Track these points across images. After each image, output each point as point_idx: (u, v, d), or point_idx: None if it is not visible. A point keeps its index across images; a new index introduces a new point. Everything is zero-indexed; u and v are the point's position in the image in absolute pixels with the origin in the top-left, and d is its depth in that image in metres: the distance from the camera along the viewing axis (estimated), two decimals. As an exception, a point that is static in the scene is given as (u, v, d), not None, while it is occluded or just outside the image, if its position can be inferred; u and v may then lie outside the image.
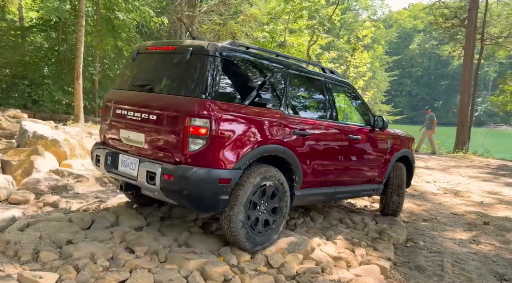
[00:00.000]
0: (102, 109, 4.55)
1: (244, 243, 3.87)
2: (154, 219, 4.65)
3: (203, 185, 3.55)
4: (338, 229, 5.18)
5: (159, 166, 3.64)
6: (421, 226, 6.05)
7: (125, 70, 4.61)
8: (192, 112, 3.54)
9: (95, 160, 4.39)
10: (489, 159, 17.67)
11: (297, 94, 4.76)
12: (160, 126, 3.76)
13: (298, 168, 4.29)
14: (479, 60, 21.94)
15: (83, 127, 16.44)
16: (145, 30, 26.61)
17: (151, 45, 4.35)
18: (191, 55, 3.76)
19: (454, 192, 8.99)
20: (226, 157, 3.65)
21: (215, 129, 3.56)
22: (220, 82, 3.75)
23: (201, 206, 3.78)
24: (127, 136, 4.08)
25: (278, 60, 4.47)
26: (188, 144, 3.55)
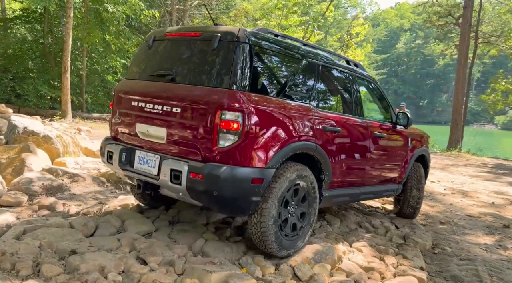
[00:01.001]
0: (113, 101, 4.13)
1: (272, 243, 3.51)
2: (163, 223, 4.22)
3: (235, 185, 3.22)
4: (359, 234, 4.82)
5: (185, 164, 3.28)
6: (440, 230, 5.74)
7: (139, 59, 4.19)
8: (223, 105, 3.20)
9: (107, 157, 3.96)
10: (484, 158, 17.61)
11: (325, 88, 4.46)
12: (185, 120, 3.42)
13: (328, 167, 4.00)
14: (473, 59, 21.91)
15: (71, 122, 15.83)
16: (134, 24, 25.99)
17: (170, 31, 4.00)
18: (219, 42, 3.42)
19: (461, 192, 8.74)
20: (259, 155, 3.33)
21: (248, 124, 3.23)
22: (251, 72, 3.41)
23: (231, 209, 3.48)
24: (145, 130, 3.70)
25: (308, 50, 4.18)
26: (218, 140, 3.22)
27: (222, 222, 4.64)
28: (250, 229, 3.59)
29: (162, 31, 4.05)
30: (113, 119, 4.12)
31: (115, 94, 4.12)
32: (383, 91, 5.46)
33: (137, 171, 3.70)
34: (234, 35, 3.40)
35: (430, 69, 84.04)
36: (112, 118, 4.13)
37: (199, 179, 3.20)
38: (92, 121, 17.68)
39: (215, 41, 3.42)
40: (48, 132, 6.57)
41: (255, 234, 3.54)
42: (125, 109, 3.94)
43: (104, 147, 4.06)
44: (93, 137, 12.82)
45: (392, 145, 5.25)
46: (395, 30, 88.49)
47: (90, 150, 7.38)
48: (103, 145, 4.12)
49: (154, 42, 3.98)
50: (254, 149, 3.29)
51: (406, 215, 5.83)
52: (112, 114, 4.13)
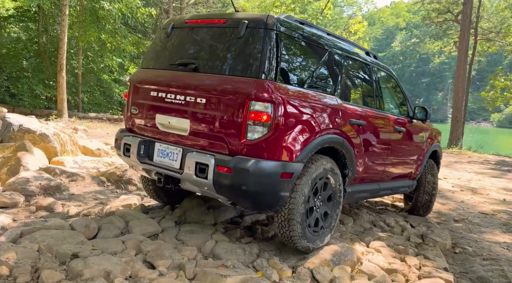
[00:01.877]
0: (129, 92, 3.94)
1: (299, 238, 3.40)
2: (169, 224, 3.96)
3: (264, 180, 3.08)
4: (375, 234, 4.58)
5: (211, 157, 3.13)
6: (455, 228, 5.51)
7: (156, 47, 3.97)
8: (253, 95, 3.04)
9: (123, 150, 3.78)
10: (486, 155, 17.46)
11: (349, 79, 4.33)
12: (211, 111, 3.25)
13: (352, 161, 3.89)
14: (473, 56, 21.76)
15: (67, 122, 15.53)
16: (131, 22, 25.67)
17: (191, 18, 3.82)
18: (246, 29, 3.26)
19: (470, 189, 8.52)
20: (288, 148, 3.19)
21: (278, 116, 3.08)
22: (280, 62, 3.26)
23: (258, 204, 3.33)
24: (166, 122, 3.53)
25: (333, 40, 4.05)
26: (247, 132, 3.07)
27: (230, 222, 4.40)
28: (277, 223, 3.45)
29: (182, 18, 3.86)
30: (129, 110, 3.91)
31: (130, 84, 3.92)
32: (400, 84, 5.31)
33: (157, 164, 3.53)
34: (263, 22, 3.24)
35: (425, 67, 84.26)
36: (128, 109, 3.92)
37: (227, 173, 3.05)
38: (89, 121, 17.37)
39: (242, 28, 3.27)
40: (44, 130, 6.31)
41: (282, 229, 3.43)
42: (143, 100, 3.75)
43: (120, 140, 3.85)
44: (91, 137, 12.58)
45: (409, 140, 5.12)
46: (391, 29, 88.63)
47: (88, 149, 7.11)
48: (119, 137, 3.91)
49: (173, 30, 3.80)
50: (283, 142, 3.15)
51: (418, 213, 5.67)
52: (128, 105, 3.92)
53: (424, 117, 5.18)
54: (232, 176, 3.03)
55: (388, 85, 5.21)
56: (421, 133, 5.37)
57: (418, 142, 5.30)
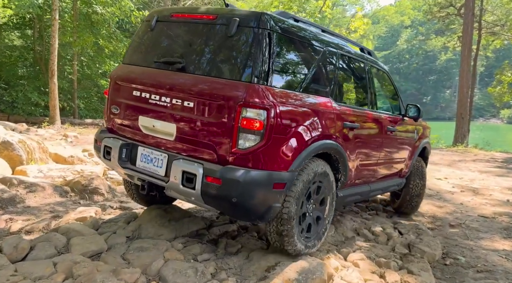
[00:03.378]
0: (109, 88, 3.67)
1: (291, 245, 3.28)
2: (119, 240, 3.54)
3: (256, 191, 2.92)
4: (356, 244, 4.12)
5: (199, 166, 2.91)
6: (450, 234, 5.02)
7: (139, 41, 3.69)
8: (245, 101, 2.84)
9: (103, 152, 3.53)
10: (492, 153, 16.82)
11: (343, 79, 4.15)
12: (199, 116, 3.02)
13: (345, 166, 3.74)
14: (477, 50, 21.12)
15: (59, 129, 15.22)
16: (127, 26, 25.40)
17: (177, 11, 3.53)
18: (238, 28, 3.02)
19: (471, 189, 8.00)
20: (281, 157, 3.02)
21: (272, 123, 2.89)
22: (274, 64, 3.06)
23: (249, 215, 3.14)
24: (150, 125, 3.29)
25: (328, 37, 3.85)
26: (238, 140, 2.87)
27: (195, 234, 3.97)
28: (269, 233, 3.31)
29: (167, 11, 3.60)
30: (109, 109, 3.63)
31: (111, 81, 3.64)
32: (393, 81, 5.14)
33: (141, 170, 3.30)
34: (256, 20, 2.99)
35: (432, 65, 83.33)
36: (108, 108, 3.64)
37: (216, 184, 2.86)
38: (83, 127, 17.07)
39: (233, 26, 3.02)
40: (9, 137, 5.91)
41: (274, 238, 3.30)
42: (124, 99, 3.48)
43: (100, 141, 3.58)
44: (80, 143, 12.25)
45: (401, 138, 5.01)
46: (396, 27, 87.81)
47: (60, 156, 6.72)
48: (98, 138, 3.64)
49: (158, 24, 3.53)
50: (276, 150, 2.97)
51: (406, 211, 5.63)
52: (108, 103, 3.64)
53: (417, 115, 5.05)
54: (222, 187, 2.84)
55: (381, 82, 5.07)
56: (412, 131, 5.26)
57: (409, 140, 5.20)
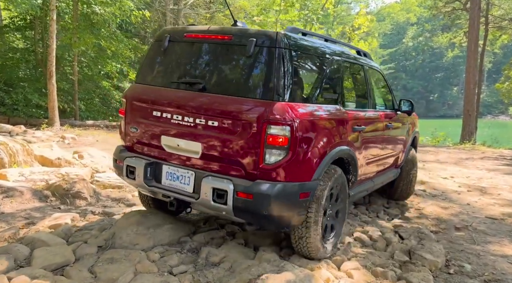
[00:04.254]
0: (125, 109, 3.69)
1: (317, 250, 3.39)
2: (89, 250, 3.25)
3: (285, 203, 3.06)
4: (352, 251, 3.79)
5: (229, 182, 3.03)
6: (456, 238, 4.67)
7: (152, 61, 3.73)
8: (270, 119, 2.97)
9: (126, 172, 3.56)
10: (501, 150, 16.36)
11: (347, 84, 4.32)
12: (225, 135, 3.12)
13: (355, 167, 3.89)
14: (484, 46, 20.63)
15: (57, 130, 15.01)
16: (129, 27, 25.22)
17: (190, 31, 3.57)
18: (255, 47, 3.13)
19: (479, 189, 7.61)
20: (305, 169, 3.16)
21: (296, 138, 3.01)
22: (293, 80, 3.20)
23: (278, 225, 3.27)
24: (174, 144, 3.35)
25: (332, 47, 4.00)
26: (265, 156, 3.00)
27: (177, 242, 3.68)
28: (294, 239, 3.40)
29: (180, 30, 3.67)
30: (127, 129, 3.69)
31: (127, 101, 3.68)
32: (386, 79, 5.44)
33: (167, 188, 3.37)
34: (273, 40, 3.12)
35: (439, 62, 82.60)
36: (125, 128, 3.71)
37: (248, 199, 2.98)
38: (84, 129, 16.87)
39: (250, 47, 3.12)
40: (-11, 140, 5.66)
41: (299, 245, 3.39)
42: (144, 119, 3.53)
43: (121, 161, 3.62)
44: (78, 145, 12.03)
45: (396, 132, 5.25)
46: (401, 24, 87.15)
47: (47, 159, 6.46)
48: (119, 158, 3.68)
49: (171, 44, 3.58)
50: (301, 163, 3.10)
51: (399, 198, 5.98)
52: (126, 123, 3.70)
53: (410, 109, 5.30)
54: (253, 202, 2.97)
55: (377, 81, 5.25)
56: (404, 124, 5.55)
57: (403, 133, 5.50)
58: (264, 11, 23.26)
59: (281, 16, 21.92)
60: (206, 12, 24.57)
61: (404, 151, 5.59)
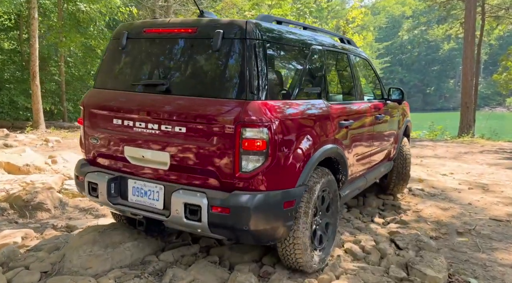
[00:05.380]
0: (83, 117, 3.34)
1: (307, 261, 3.11)
2: (30, 278, 2.77)
3: (267, 215, 2.76)
4: (341, 266, 3.33)
5: (202, 196, 2.70)
6: (458, 245, 4.21)
7: (109, 62, 3.37)
8: (244, 121, 2.64)
9: (89, 189, 3.19)
10: (500, 143, 15.91)
11: (331, 76, 4.02)
12: (195, 142, 2.78)
13: (345, 165, 3.64)
14: (481, 36, 20.17)
15: (43, 133, 14.52)
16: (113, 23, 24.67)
17: (149, 26, 3.22)
18: (222, 40, 2.78)
19: (480, 186, 7.15)
20: (288, 174, 2.86)
21: (275, 140, 2.70)
22: (268, 75, 2.84)
23: (261, 239, 2.93)
24: (139, 155, 3.00)
25: (311, 35, 3.66)
26: (241, 163, 2.67)
27: (141, 262, 3.21)
28: (282, 253, 3.12)
29: (137, 26, 3.28)
30: (86, 140, 3.33)
31: (84, 109, 3.32)
32: (374, 66, 5.15)
33: (134, 205, 3.02)
34: (243, 31, 2.78)
35: (435, 55, 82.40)
36: (85, 139, 3.35)
37: (224, 214, 2.67)
38: (71, 131, 16.38)
39: (217, 39, 2.78)
40: None
41: (287, 257, 3.12)
42: (104, 129, 3.17)
43: (83, 176, 3.25)
44: (62, 148, 11.55)
45: (387, 123, 5.00)
46: (397, 17, 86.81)
47: (14, 165, 5.98)
48: (80, 174, 3.30)
49: (129, 41, 3.23)
50: (282, 168, 2.79)
51: (393, 191, 5.81)
52: (85, 134, 3.33)
53: (401, 97, 5.02)
54: (231, 216, 2.66)
55: (363, 70, 5.02)
56: (396, 114, 5.33)
57: (395, 123, 5.29)
58: (256, 6, 22.76)
59: (274, 11, 21.41)
60: (197, 8, 23.98)
61: (397, 143, 5.42)
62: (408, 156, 5.73)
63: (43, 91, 17.18)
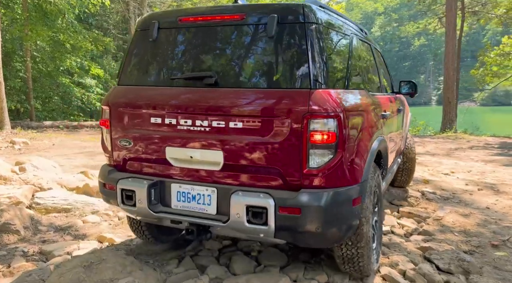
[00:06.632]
0: (109, 118, 3.02)
1: (368, 263, 2.94)
2: None
3: (339, 213, 2.55)
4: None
5: (267, 197, 2.47)
6: (500, 262, 3.69)
7: (137, 56, 3.08)
8: (312, 111, 2.42)
9: (122, 198, 2.91)
10: (484, 138, 15.86)
11: (366, 67, 3.77)
12: (254, 137, 2.56)
13: (386, 159, 3.56)
14: (461, 31, 20.12)
15: (8, 134, 13.39)
16: (91, 21, 23.50)
17: (186, 14, 2.97)
18: (277, 25, 2.58)
19: (489, 186, 6.75)
20: (356, 168, 2.67)
21: (344, 132, 2.49)
22: (327, 62, 2.65)
23: (328, 241, 2.74)
24: (184, 156, 2.76)
25: (351, 24, 3.53)
26: (309, 159, 2.45)
27: None
28: (343, 256, 2.93)
29: (170, 15, 3.05)
30: (114, 143, 3.04)
31: (111, 109, 3.01)
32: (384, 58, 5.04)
33: (180, 212, 2.80)
34: (301, 14, 2.60)
35: (406, 51, 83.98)
36: (112, 142, 3.05)
37: (294, 215, 2.47)
38: (40, 131, 15.31)
39: (272, 25, 2.60)
40: None
41: (348, 261, 2.94)
42: (139, 129, 2.91)
43: (113, 184, 2.94)
44: (30, 150, 10.62)
45: (402, 117, 5.04)
46: (370, 14, 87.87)
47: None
48: (110, 181, 2.99)
49: (161, 31, 2.97)
50: (350, 162, 2.62)
51: (399, 184, 5.81)
52: (112, 137, 3.03)
53: (413, 91, 4.77)
54: (301, 217, 2.48)
55: (380, 61, 4.70)
56: (406, 107, 5.41)
57: (405, 116, 5.34)
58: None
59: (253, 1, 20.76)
60: (173, 1, 23.00)
61: (406, 136, 5.54)
62: (413, 148, 5.77)
63: (8, 88, 16.02)
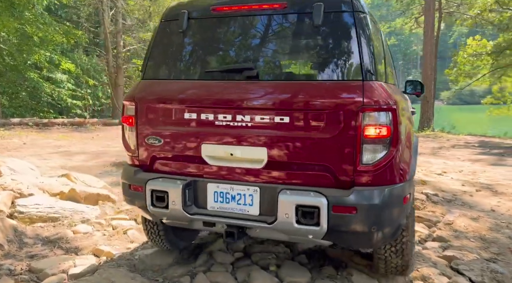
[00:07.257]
0: (135, 115, 2.83)
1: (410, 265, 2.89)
2: None
3: (394, 211, 2.43)
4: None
5: (318, 195, 2.33)
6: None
7: (165, 48, 2.92)
8: (366, 104, 2.30)
9: (152, 200, 2.71)
10: (463, 136, 16.14)
11: (388, 59, 3.54)
12: (302, 133, 2.41)
13: (416, 156, 3.52)
14: (438, 31, 20.41)
15: (-27, 133, 12.58)
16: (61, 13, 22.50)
17: (219, 3, 2.78)
18: (324, 14, 2.45)
19: (486, 187, 6.69)
20: (405, 165, 2.55)
21: (397, 126, 2.35)
22: (374, 53, 2.50)
23: (380, 241, 2.55)
24: (223, 154, 2.58)
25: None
26: (362, 154, 2.33)
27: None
28: (385, 257, 2.83)
29: (201, 4, 2.87)
30: (141, 142, 2.87)
31: (138, 105, 2.83)
32: None
33: (217, 213, 2.63)
34: (349, 3, 2.48)
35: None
36: (139, 140, 2.88)
37: (349, 214, 2.32)
38: (7, 128, 14.48)
39: (318, 14, 2.45)
40: None
41: (391, 262, 2.83)
42: (171, 126, 2.76)
43: (142, 186, 2.76)
44: (-1, 151, 9.92)
45: None
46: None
47: None
48: (136, 182, 2.80)
49: (192, 22, 2.83)
50: (402, 158, 2.48)
51: None
52: (139, 134, 2.86)
53: (420, 91, 4.34)
54: (357, 217, 2.32)
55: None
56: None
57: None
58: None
59: None
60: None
61: None
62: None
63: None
